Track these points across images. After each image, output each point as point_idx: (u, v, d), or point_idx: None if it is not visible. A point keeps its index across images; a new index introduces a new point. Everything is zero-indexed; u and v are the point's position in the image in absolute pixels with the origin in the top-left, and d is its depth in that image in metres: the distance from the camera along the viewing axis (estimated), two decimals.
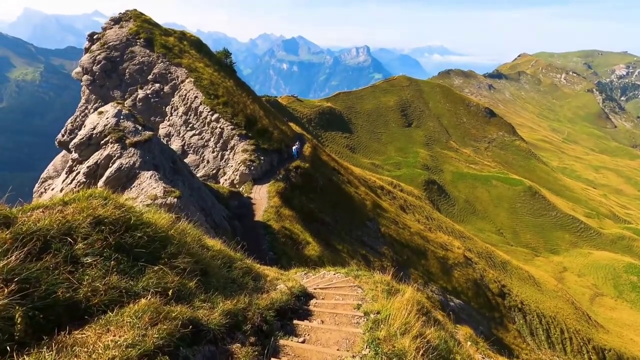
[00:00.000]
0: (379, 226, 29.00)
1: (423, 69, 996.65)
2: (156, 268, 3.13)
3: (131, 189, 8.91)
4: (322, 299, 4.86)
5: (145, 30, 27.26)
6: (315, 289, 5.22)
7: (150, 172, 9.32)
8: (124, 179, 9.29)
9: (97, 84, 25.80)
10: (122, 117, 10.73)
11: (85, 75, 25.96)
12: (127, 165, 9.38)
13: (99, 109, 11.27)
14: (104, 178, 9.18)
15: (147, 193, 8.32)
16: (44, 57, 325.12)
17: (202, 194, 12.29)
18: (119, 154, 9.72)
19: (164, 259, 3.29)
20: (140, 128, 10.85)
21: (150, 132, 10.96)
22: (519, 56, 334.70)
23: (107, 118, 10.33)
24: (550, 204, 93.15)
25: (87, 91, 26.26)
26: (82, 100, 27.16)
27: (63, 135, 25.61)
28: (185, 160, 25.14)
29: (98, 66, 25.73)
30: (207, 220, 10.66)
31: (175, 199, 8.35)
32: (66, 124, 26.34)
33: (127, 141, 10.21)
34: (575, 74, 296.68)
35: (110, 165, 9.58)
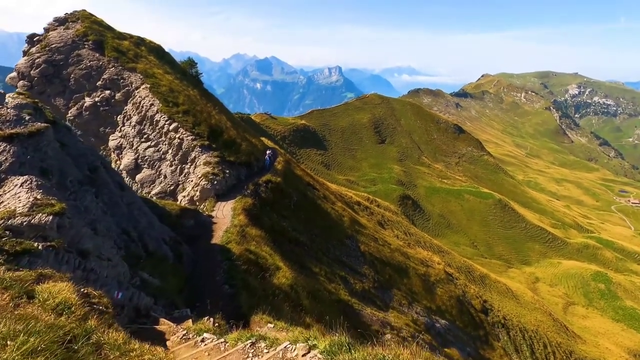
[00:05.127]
0: (358, 244, 26.93)
1: (393, 88, 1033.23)
2: None
3: None
4: None
5: (95, 32, 24.47)
6: None
7: (23, 178, 6.40)
8: None
9: (36, 91, 22.53)
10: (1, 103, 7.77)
11: (22, 81, 22.67)
12: None
13: None
14: None
15: (5, 208, 5.67)
16: (1, 75, 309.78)
17: (134, 212, 9.53)
18: None
19: None
20: (28, 118, 7.64)
21: (45, 124, 7.87)
22: (482, 76, 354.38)
23: None
24: (519, 216, 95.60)
25: None
26: None
27: None
28: (139, 176, 22.15)
29: (37, 70, 22.57)
30: (131, 247, 7.97)
31: (51, 217, 5.47)
32: None
33: None
34: (533, 93, 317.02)
35: None
